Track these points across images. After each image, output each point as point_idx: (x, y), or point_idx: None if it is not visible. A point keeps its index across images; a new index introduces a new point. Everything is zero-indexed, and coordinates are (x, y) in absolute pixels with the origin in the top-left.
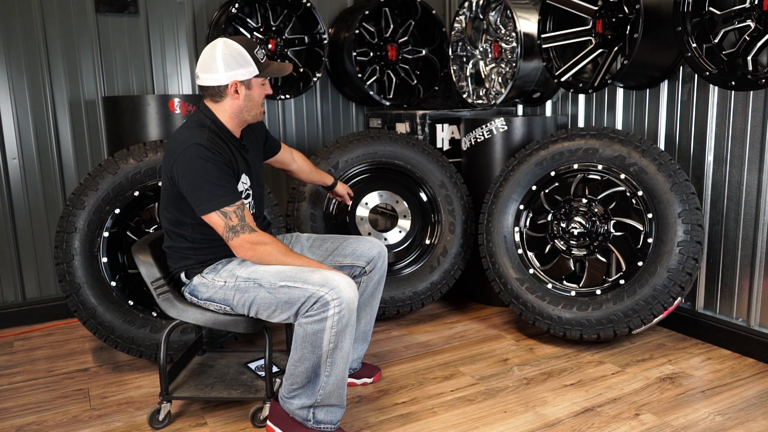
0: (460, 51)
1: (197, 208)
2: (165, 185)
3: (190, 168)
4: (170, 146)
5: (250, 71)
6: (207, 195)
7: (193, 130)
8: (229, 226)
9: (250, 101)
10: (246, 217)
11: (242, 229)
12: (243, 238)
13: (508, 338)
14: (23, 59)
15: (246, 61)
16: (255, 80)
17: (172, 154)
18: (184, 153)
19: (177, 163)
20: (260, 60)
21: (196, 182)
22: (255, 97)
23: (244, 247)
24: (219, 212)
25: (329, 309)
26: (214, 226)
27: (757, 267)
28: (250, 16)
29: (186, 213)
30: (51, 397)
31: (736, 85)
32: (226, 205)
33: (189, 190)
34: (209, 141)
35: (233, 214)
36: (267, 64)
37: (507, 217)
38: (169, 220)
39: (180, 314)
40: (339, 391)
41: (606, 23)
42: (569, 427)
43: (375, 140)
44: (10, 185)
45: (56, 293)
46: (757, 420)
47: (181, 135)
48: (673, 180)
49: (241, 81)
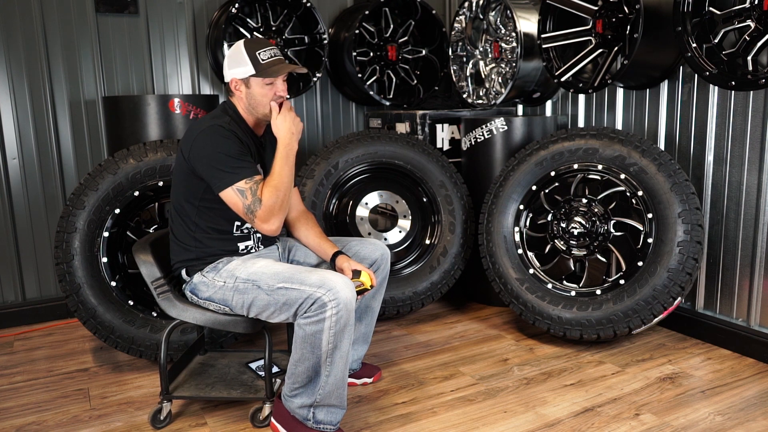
0: (460, 51)
1: (215, 185)
2: (178, 165)
3: (209, 145)
4: (190, 129)
5: (246, 71)
6: (224, 170)
7: (215, 116)
8: (246, 206)
9: (253, 99)
10: (258, 191)
11: (254, 205)
12: (258, 216)
13: (508, 338)
14: (23, 59)
15: (243, 60)
16: (255, 79)
17: (191, 134)
18: (204, 132)
19: (196, 142)
20: (261, 60)
21: (214, 158)
22: (256, 96)
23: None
24: (236, 190)
25: (327, 310)
26: (233, 206)
27: (757, 267)
28: (250, 16)
29: (194, 194)
30: (51, 397)
31: (736, 85)
32: (243, 178)
33: (207, 168)
34: (229, 124)
35: (248, 191)
36: (269, 64)
37: (507, 217)
38: (177, 202)
39: (180, 314)
40: (339, 392)
41: (606, 23)
42: (569, 427)
43: (375, 140)
44: (10, 185)
45: (56, 293)
46: (757, 420)
47: (203, 119)
48: (673, 180)
49: (240, 79)
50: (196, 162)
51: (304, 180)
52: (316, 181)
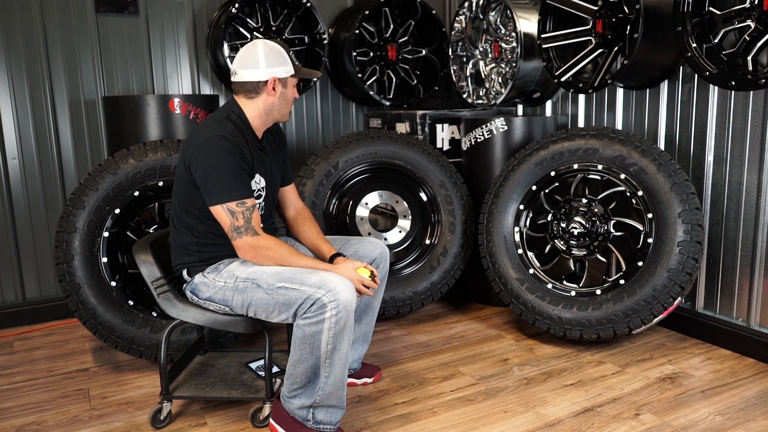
0: (460, 51)
1: (207, 198)
2: (179, 172)
3: (209, 157)
4: (193, 134)
5: (288, 70)
6: (219, 186)
7: (218, 122)
8: (234, 226)
9: (284, 99)
10: (253, 219)
11: (246, 231)
12: (245, 240)
13: (508, 338)
14: (23, 59)
15: (285, 60)
16: (291, 80)
17: (194, 142)
18: (206, 143)
19: (197, 151)
20: (295, 62)
21: (211, 172)
22: (288, 96)
23: (245, 249)
24: (227, 208)
25: (326, 311)
26: (220, 221)
27: (757, 267)
28: (250, 16)
29: (195, 204)
30: (51, 397)
31: (736, 85)
32: (235, 200)
33: (203, 179)
34: (232, 135)
35: (240, 214)
36: (300, 66)
37: (507, 217)
38: (178, 211)
39: (180, 314)
40: (338, 392)
41: (606, 23)
42: (569, 427)
43: (375, 140)
44: (10, 185)
45: (56, 293)
46: (757, 420)
47: (205, 125)
48: (673, 180)
49: (280, 78)
50: (194, 172)
51: (304, 180)
52: (316, 181)
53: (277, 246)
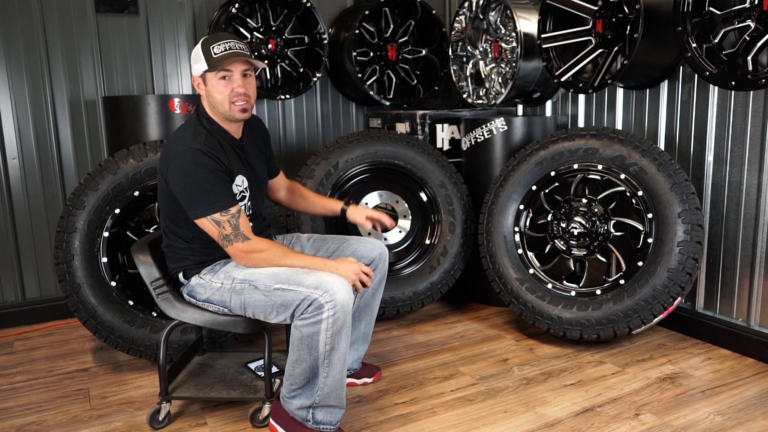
0: (460, 51)
1: (190, 213)
2: (160, 184)
3: (184, 172)
4: (167, 149)
5: (201, 66)
6: (199, 201)
7: (190, 133)
8: (223, 235)
9: (212, 96)
10: (240, 225)
11: (236, 237)
12: (237, 247)
13: (508, 338)
14: (23, 59)
15: (198, 57)
16: (209, 75)
17: (168, 157)
18: (180, 157)
19: (172, 166)
20: (214, 54)
21: (189, 187)
22: (213, 92)
23: (239, 256)
24: (211, 220)
25: (323, 312)
26: (208, 232)
27: (757, 267)
28: (250, 16)
29: (179, 214)
30: (51, 397)
31: (736, 85)
32: (218, 211)
33: (182, 195)
34: (206, 145)
35: (227, 223)
36: (221, 57)
37: (507, 217)
38: (165, 220)
39: (179, 314)
40: (337, 392)
41: (606, 23)
42: (569, 427)
43: (375, 140)
44: (10, 185)
45: (56, 293)
46: (757, 420)
47: (178, 138)
48: (673, 180)
49: (198, 76)
50: (173, 188)
51: (304, 180)
52: (316, 181)
53: (270, 248)
